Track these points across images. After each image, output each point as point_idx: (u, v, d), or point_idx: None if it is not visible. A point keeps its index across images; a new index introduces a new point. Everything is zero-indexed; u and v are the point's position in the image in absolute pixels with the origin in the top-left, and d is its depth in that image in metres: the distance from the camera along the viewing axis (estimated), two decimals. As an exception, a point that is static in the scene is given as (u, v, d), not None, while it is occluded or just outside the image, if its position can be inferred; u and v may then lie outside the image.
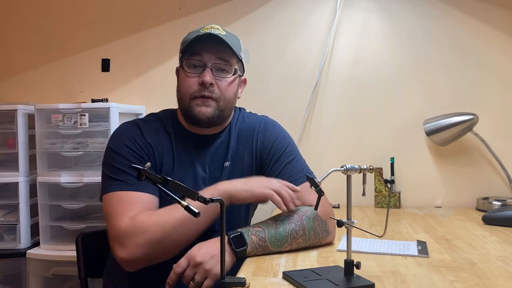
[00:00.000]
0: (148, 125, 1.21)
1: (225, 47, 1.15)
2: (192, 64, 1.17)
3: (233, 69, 1.19)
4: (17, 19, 2.09)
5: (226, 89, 1.18)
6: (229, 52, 1.17)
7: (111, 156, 1.15)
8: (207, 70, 1.15)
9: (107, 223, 1.08)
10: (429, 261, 1.01)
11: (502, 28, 1.83)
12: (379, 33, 1.90)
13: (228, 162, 1.22)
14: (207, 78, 1.14)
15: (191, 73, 1.17)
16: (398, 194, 1.81)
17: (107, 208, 1.09)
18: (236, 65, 1.20)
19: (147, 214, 1.04)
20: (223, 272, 0.83)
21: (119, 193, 1.09)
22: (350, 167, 0.86)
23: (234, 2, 1.97)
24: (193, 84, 1.16)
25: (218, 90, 1.17)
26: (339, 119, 1.91)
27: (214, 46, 1.15)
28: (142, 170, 0.79)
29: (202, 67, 1.16)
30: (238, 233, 1.03)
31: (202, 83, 1.14)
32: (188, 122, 1.22)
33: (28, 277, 1.70)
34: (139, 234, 1.01)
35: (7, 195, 1.72)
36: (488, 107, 1.83)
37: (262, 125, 1.28)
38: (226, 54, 1.17)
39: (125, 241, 1.01)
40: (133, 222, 1.02)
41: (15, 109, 1.70)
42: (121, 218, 1.03)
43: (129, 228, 1.02)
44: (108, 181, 1.12)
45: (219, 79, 1.17)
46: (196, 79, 1.16)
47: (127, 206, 1.06)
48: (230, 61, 1.18)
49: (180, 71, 1.22)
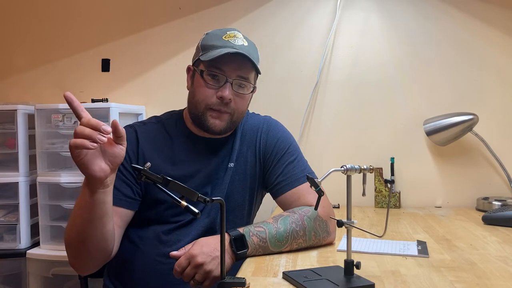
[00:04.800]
0: (146, 129, 1.21)
1: (248, 61, 1.14)
2: (213, 74, 1.14)
3: (252, 87, 1.20)
4: (17, 19, 2.10)
5: (242, 105, 1.19)
6: (251, 67, 1.16)
7: None
8: (227, 85, 1.14)
9: None
10: (429, 261, 1.01)
11: (502, 28, 1.83)
12: (379, 33, 1.90)
13: (232, 163, 1.22)
14: (227, 93, 1.13)
15: (210, 84, 1.15)
16: (398, 194, 1.81)
17: None
18: (253, 80, 1.20)
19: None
20: (223, 272, 0.83)
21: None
22: (350, 167, 0.86)
23: (234, 2, 1.97)
24: (211, 95, 1.14)
25: (234, 105, 1.16)
26: (339, 119, 1.91)
27: (237, 60, 1.13)
28: (142, 170, 0.79)
29: (222, 81, 1.14)
30: (240, 234, 1.02)
31: (221, 97, 1.13)
32: (197, 127, 1.21)
33: (28, 277, 1.70)
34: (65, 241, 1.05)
35: (7, 195, 1.72)
36: (488, 107, 1.83)
37: (265, 125, 1.29)
38: (246, 71, 1.16)
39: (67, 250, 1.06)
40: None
41: (15, 109, 1.70)
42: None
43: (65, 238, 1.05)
44: None
45: (237, 95, 1.16)
46: (215, 91, 1.14)
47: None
48: (250, 78, 1.18)
49: (196, 76, 1.18)
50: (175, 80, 1.92)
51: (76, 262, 1.06)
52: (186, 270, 0.96)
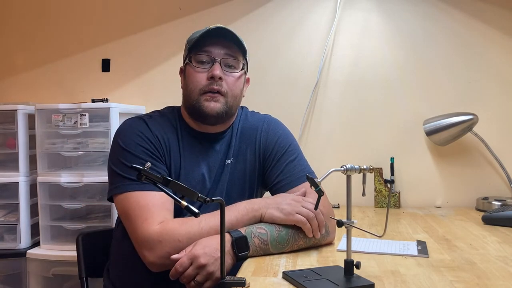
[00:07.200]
0: (154, 121, 1.21)
1: (233, 43, 1.17)
2: (200, 59, 1.17)
3: (241, 65, 1.21)
4: (17, 19, 2.10)
5: (234, 85, 1.19)
6: (237, 48, 1.19)
7: (121, 154, 1.13)
8: (216, 64, 1.16)
9: (130, 225, 1.07)
10: (429, 261, 1.01)
11: (502, 28, 1.83)
12: (379, 33, 1.90)
13: (230, 160, 1.23)
14: (217, 71, 1.15)
15: (199, 68, 1.17)
16: (398, 194, 1.82)
17: (127, 209, 1.08)
18: (243, 60, 1.22)
19: (177, 222, 1.05)
20: (223, 272, 0.83)
21: (135, 193, 1.08)
22: (350, 167, 0.86)
23: (234, 2, 1.97)
24: (202, 79, 1.16)
25: (226, 85, 1.17)
26: (339, 119, 1.91)
27: (222, 42, 1.16)
28: (142, 170, 0.79)
29: (210, 62, 1.17)
30: (241, 235, 1.02)
31: (212, 77, 1.15)
32: (194, 119, 1.21)
33: (28, 277, 1.70)
34: (169, 242, 1.01)
35: (7, 195, 1.72)
36: (488, 107, 1.83)
37: (265, 124, 1.29)
38: (234, 50, 1.18)
39: (155, 247, 1.02)
40: (163, 229, 1.02)
41: (15, 109, 1.70)
42: (149, 223, 1.04)
43: (158, 234, 1.02)
44: (120, 180, 1.11)
45: (228, 74, 1.18)
46: (205, 74, 1.16)
47: (150, 209, 1.06)
48: (238, 57, 1.20)
49: (187, 68, 1.21)
50: (175, 80, 1.90)
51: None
52: (188, 271, 0.95)
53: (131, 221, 1.07)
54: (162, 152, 1.16)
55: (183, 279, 0.96)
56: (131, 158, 1.11)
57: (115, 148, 1.16)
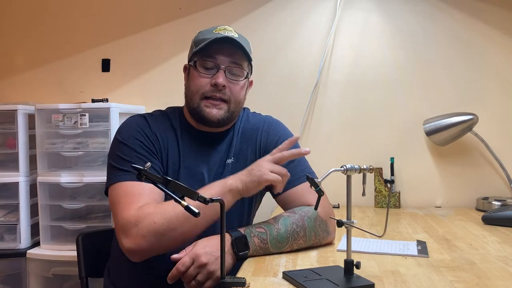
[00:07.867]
0: (154, 119, 1.21)
1: (239, 50, 1.16)
2: (205, 65, 1.17)
3: (245, 73, 1.21)
4: (17, 19, 2.10)
5: (237, 92, 1.19)
6: (242, 55, 1.18)
7: (119, 147, 1.14)
8: (220, 72, 1.16)
9: (114, 214, 1.07)
10: (429, 261, 1.01)
11: (502, 28, 1.83)
12: (379, 33, 1.90)
13: (230, 159, 1.23)
14: (220, 80, 1.15)
15: (204, 73, 1.17)
16: (398, 194, 1.82)
17: (114, 198, 1.08)
18: (247, 68, 1.22)
19: (154, 205, 1.04)
20: (223, 272, 0.83)
21: (126, 183, 1.08)
22: (350, 167, 0.86)
23: (234, 2, 1.97)
24: (205, 84, 1.16)
25: (229, 92, 1.17)
26: (339, 119, 1.91)
27: (228, 48, 1.16)
28: (142, 170, 0.79)
29: (215, 69, 1.17)
30: (241, 234, 1.02)
31: (215, 85, 1.15)
32: (195, 121, 1.22)
33: (28, 277, 1.70)
34: (144, 224, 1.00)
35: (7, 195, 1.72)
36: (488, 107, 1.83)
37: (266, 124, 1.29)
38: (239, 58, 1.18)
39: (130, 231, 1.00)
40: (141, 212, 1.01)
41: (15, 109, 1.70)
42: (128, 208, 1.03)
43: (135, 217, 1.01)
44: (114, 172, 1.11)
45: (231, 82, 1.18)
46: (209, 80, 1.16)
47: (135, 197, 1.05)
48: (243, 65, 1.20)
49: (191, 69, 1.21)
50: (175, 80, 1.91)
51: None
52: (189, 270, 0.95)
53: (114, 210, 1.07)
54: (158, 148, 1.17)
55: (185, 278, 0.96)
56: (127, 151, 1.12)
57: (113, 143, 1.18)
